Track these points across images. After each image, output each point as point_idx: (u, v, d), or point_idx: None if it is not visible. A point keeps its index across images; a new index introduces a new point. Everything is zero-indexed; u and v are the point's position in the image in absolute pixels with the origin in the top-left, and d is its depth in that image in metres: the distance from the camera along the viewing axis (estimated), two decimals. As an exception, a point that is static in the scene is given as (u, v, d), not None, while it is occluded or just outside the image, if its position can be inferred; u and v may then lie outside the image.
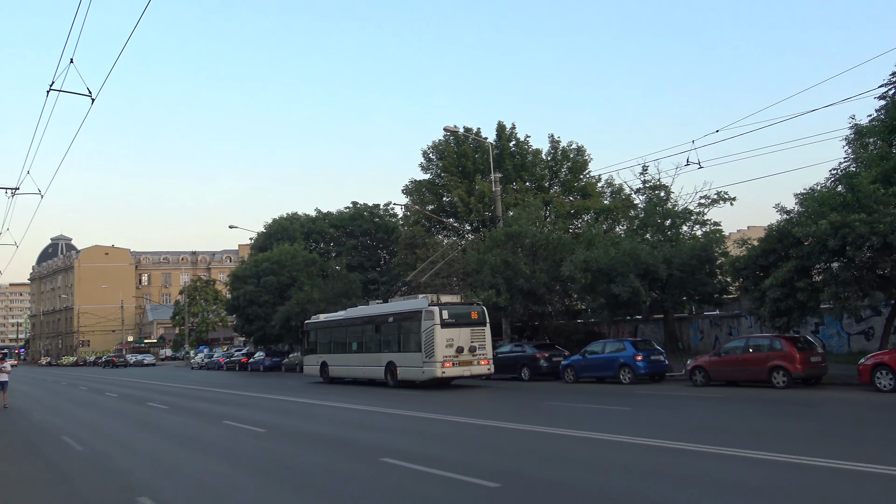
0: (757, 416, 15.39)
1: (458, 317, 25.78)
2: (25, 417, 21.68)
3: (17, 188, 23.33)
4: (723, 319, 32.78)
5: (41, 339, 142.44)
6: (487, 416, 16.09)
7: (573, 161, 41.75)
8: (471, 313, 26.19)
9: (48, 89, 14.66)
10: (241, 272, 57.47)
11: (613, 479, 9.01)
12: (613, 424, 13.88)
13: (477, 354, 25.67)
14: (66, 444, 14.58)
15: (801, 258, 21.54)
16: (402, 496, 8.50)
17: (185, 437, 14.95)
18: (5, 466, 11.93)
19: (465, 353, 25.35)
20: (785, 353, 20.43)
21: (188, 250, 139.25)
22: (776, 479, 8.54)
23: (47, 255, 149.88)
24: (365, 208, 60.16)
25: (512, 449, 11.86)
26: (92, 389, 35.15)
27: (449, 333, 25.18)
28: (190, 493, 9.24)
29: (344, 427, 15.68)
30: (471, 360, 25.51)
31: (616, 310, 29.84)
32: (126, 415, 20.89)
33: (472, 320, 26.01)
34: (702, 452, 10.36)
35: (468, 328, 25.69)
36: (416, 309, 26.31)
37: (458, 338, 25.35)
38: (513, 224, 33.04)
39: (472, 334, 25.72)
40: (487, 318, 26.60)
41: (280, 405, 21.99)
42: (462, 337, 25.46)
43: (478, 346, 25.75)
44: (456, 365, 25.18)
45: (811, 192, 22.75)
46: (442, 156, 43.88)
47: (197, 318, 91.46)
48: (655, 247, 29.29)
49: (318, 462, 11.09)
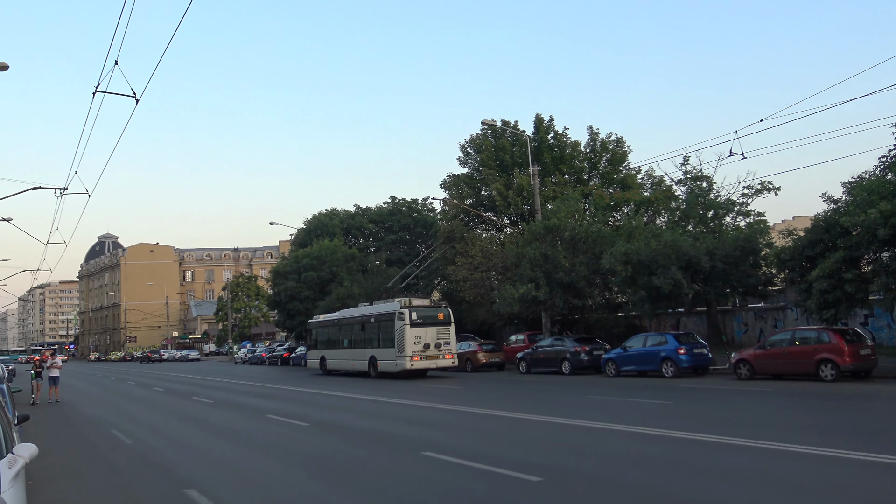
0: (806, 410, 15.09)
1: (426, 318, 29.89)
2: (76, 411, 22.25)
3: (66, 188, 23.80)
4: (768, 312, 32.16)
5: (90, 335, 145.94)
6: (528, 411, 16.03)
7: (612, 153, 41.24)
8: (437, 314, 30.34)
9: (94, 91, 14.92)
10: (281, 268, 58.08)
11: (657, 474, 8.90)
12: (656, 418, 13.71)
13: (442, 350, 29.80)
14: (116, 438, 14.93)
15: (850, 248, 21.01)
16: (447, 490, 8.52)
17: (230, 431, 15.18)
18: (59, 459, 12.25)
19: (431, 349, 29.50)
20: (833, 346, 19.95)
21: (230, 247, 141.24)
22: (830, 476, 8.36)
23: (95, 253, 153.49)
24: (403, 203, 60.27)
25: (553, 443, 11.80)
26: (139, 384, 35.91)
27: (417, 332, 29.44)
28: (235, 486, 9.38)
29: (384, 420, 15.78)
30: (437, 354, 29.67)
31: (657, 303, 29.48)
32: (172, 409, 21.31)
33: (439, 321, 30.15)
34: (747, 447, 10.17)
35: (434, 327, 29.86)
36: (391, 311, 30.61)
37: (425, 336, 29.57)
38: (552, 217, 32.80)
39: (437, 333, 29.89)
40: (452, 319, 30.66)
41: (322, 399, 22.22)
42: (429, 335, 29.64)
43: (443, 343, 29.90)
44: (423, 359, 29.43)
45: (859, 180, 22.16)
46: (480, 149, 43.71)
47: (239, 313, 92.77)
48: (697, 238, 28.82)
49: (361, 456, 11.16)
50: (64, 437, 15.85)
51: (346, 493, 8.67)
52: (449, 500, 8.06)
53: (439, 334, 29.99)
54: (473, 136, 44.58)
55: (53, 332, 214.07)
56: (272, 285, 60.03)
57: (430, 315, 30.22)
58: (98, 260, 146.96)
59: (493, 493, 8.26)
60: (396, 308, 30.25)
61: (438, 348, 29.70)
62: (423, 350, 29.38)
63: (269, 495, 8.76)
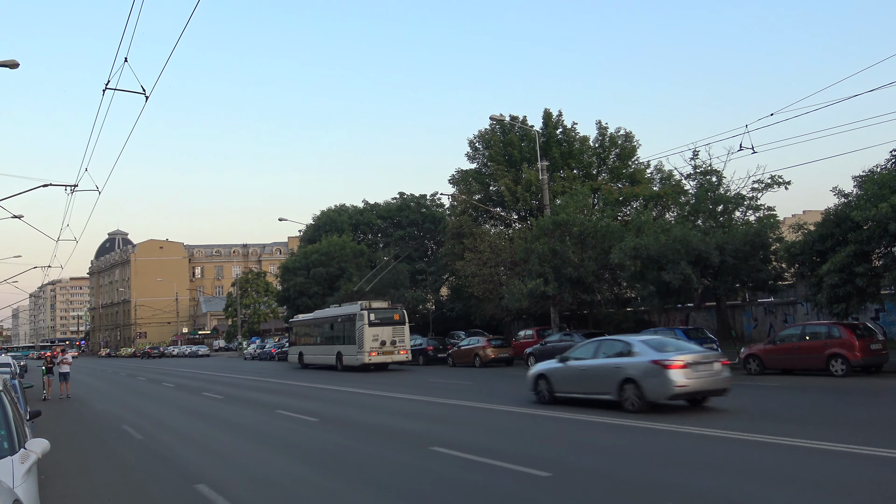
0: (817, 405, 15.03)
1: (383, 318, 34.05)
2: (87, 407, 22.37)
3: (76, 185, 23.86)
4: (777, 306, 32.02)
5: (100, 331, 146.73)
6: (536, 406, 16.01)
7: (621, 147, 41.09)
8: (393, 315, 34.47)
9: (104, 88, 14.91)
10: (290, 264, 58.21)
11: (668, 469, 8.88)
12: (665, 414, 13.64)
13: (396, 346, 33.96)
14: (126, 433, 15.00)
15: (861, 242, 20.89)
16: (457, 486, 8.52)
17: (240, 426, 15.23)
18: (70, 455, 12.31)
19: (387, 346, 33.64)
20: (843, 341, 19.86)
21: (239, 243, 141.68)
22: (845, 472, 8.32)
23: (105, 249, 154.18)
24: (412, 199, 60.26)
25: (562, 439, 11.80)
26: (150, 380, 36.09)
27: (375, 331, 33.57)
28: (246, 481, 9.40)
29: (393, 416, 15.80)
30: (392, 350, 33.79)
31: (667, 297, 29.39)
32: (182, 405, 21.40)
33: (395, 321, 34.27)
34: (759, 443, 10.14)
35: (390, 327, 33.98)
36: (353, 312, 34.70)
37: (381, 334, 33.65)
38: (560, 212, 32.73)
39: (393, 332, 33.99)
40: (406, 319, 34.91)
41: (329, 395, 22.27)
42: (385, 333, 33.74)
43: (397, 340, 34.08)
44: (380, 354, 33.48)
45: (870, 174, 22.02)
46: (488, 145, 43.65)
47: (249, 309, 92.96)
48: (707, 233, 28.68)
49: (372, 452, 11.18)
50: (75, 432, 15.94)
51: (358, 488, 8.68)
52: (460, 495, 8.06)
53: (394, 333, 34.05)
54: (482, 131, 44.57)
55: (64, 328, 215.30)
56: (281, 281, 60.20)
57: (387, 316, 34.36)
58: (108, 256, 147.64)
59: (504, 488, 8.26)
60: (357, 310, 34.46)
61: (393, 345, 33.83)
62: (380, 346, 33.49)
63: (280, 491, 8.77)
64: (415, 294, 50.08)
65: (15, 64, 19.91)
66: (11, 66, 19.91)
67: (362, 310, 34.18)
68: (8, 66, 19.89)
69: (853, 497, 7.26)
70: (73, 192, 24.30)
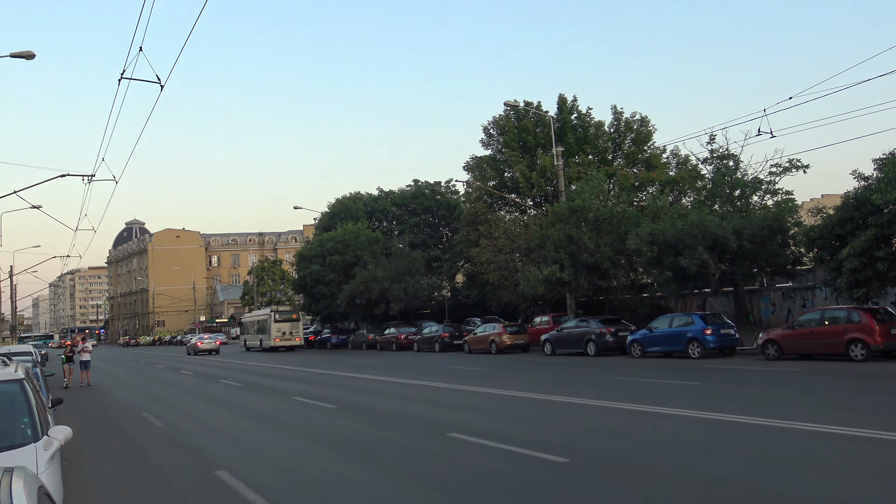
0: (837, 391, 14.92)
1: (285, 317, 53.52)
2: (107, 395, 22.63)
3: (94, 175, 24.03)
4: (796, 291, 31.75)
5: (119, 320, 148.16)
6: (552, 392, 16.01)
7: (637, 132, 40.77)
8: (292, 315, 54.62)
9: (119, 77, 14.91)
10: (306, 252, 58.42)
11: (686, 455, 8.84)
12: (682, 399, 13.59)
13: (293, 335, 52.48)
14: (146, 420, 15.16)
15: (881, 226, 20.63)
16: (476, 472, 8.52)
17: (258, 413, 15.34)
18: (91, 442, 12.46)
19: (286, 335, 52.10)
20: (863, 325, 19.66)
21: (255, 231, 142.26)
22: (867, 457, 8.25)
23: (122, 238, 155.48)
24: (426, 186, 60.19)
25: (579, 424, 11.78)
26: (169, 368, 36.43)
27: (280, 326, 52.35)
28: (265, 468, 9.45)
29: (410, 402, 15.85)
30: (290, 338, 52.21)
31: (683, 283, 29.21)
32: (201, 392, 21.59)
33: (293, 319, 53.62)
34: (778, 428, 10.06)
35: (289, 322, 53.01)
36: (267, 313, 54.61)
37: (283, 327, 52.36)
38: (576, 198, 32.58)
39: (291, 326, 52.72)
40: (301, 317, 55.14)
41: (347, 382, 22.37)
42: (286, 327, 52.45)
43: (294, 332, 52.73)
44: (282, 340, 51.80)
45: (891, 156, 21.72)
46: (503, 131, 43.44)
47: (265, 297, 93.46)
48: (724, 218, 28.43)
49: (389, 438, 11.23)
50: (96, 419, 16.13)
51: (377, 474, 8.72)
52: (479, 481, 8.07)
53: (292, 327, 52.74)
54: (496, 117, 44.32)
55: (84, 317, 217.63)
56: (297, 269, 60.44)
57: (287, 316, 54.16)
58: (126, 246, 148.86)
59: (522, 474, 8.25)
60: (268, 312, 54.65)
61: (291, 335, 52.40)
62: (281, 335, 51.85)
63: (300, 478, 8.82)
64: (430, 281, 50.13)
65: (31, 55, 20.02)
66: (28, 58, 20.03)
67: (272, 311, 54.44)
68: (24, 58, 20.01)
69: (881, 483, 7.18)
70: (91, 181, 24.51)
